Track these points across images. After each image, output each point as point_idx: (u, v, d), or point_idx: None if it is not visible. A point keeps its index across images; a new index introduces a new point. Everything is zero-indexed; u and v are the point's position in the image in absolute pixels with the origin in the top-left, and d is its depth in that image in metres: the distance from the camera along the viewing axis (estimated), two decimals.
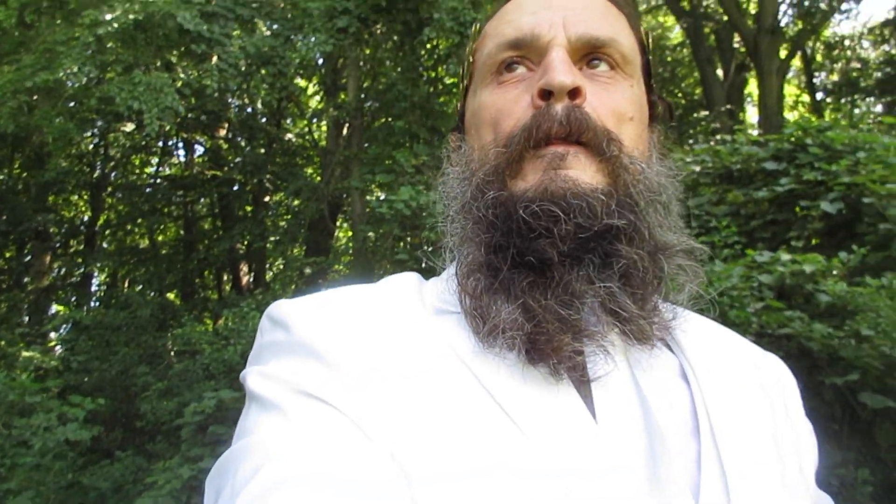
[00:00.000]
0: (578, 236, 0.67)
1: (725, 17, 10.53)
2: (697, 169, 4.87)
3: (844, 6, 7.70)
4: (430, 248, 0.82)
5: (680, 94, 9.80)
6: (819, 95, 13.75)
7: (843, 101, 13.27)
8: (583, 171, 0.69)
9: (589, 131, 0.69)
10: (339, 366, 0.65)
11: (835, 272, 3.77)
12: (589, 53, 0.74)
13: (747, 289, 3.41)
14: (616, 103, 0.73)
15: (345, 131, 9.70)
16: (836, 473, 3.03)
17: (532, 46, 0.74)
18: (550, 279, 0.68)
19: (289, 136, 10.89)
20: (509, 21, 0.77)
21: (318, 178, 9.98)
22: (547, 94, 0.70)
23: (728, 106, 9.38)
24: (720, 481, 0.64)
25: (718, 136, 5.66)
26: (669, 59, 8.77)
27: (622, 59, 0.75)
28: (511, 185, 0.71)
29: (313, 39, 7.05)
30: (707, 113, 8.95)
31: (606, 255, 0.68)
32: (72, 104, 7.86)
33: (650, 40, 0.83)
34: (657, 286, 0.71)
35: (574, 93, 0.69)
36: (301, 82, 10.13)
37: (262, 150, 10.22)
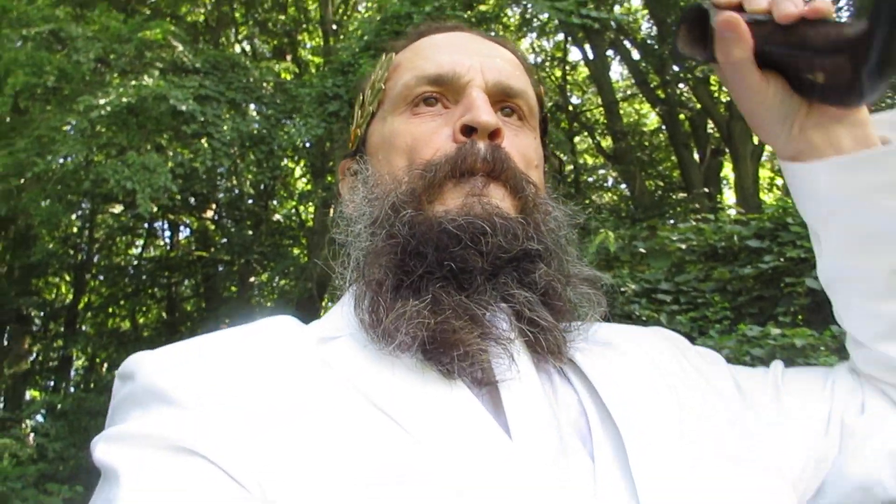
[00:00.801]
0: (499, 255, 0.69)
1: (699, 105, 10.98)
2: (683, 247, 4.96)
3: None
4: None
5: (658, 177, 10.08)
6: None
7: None
8: (502, 201, 0.72)
9: (509, 170, 0.73)
10: (186, 402, 0.61)
11: (822, 347, 3.80)
12: (501, 101, 0.78)
13: (741, 363, 3.42)
14: (525, 149, 0.78)
15: (332, 212, 9.79)
16: None
17: (451, 85, 0.77)
18: (467, 284, 0.69)
19: (276, 216, 10.97)
20: (427, 57, 0.80)
21: (306, 259, 10.00)
22: (469, 131, 0.73)
23: (705, 189, 9.66)
24: (612, 446, 0.63)
25: (700, 216, 5.81)
26: (647, 143, 9.07)
27: (529, 111, 0.81)
28: (429, 208, 0.72)
29: (304, 124, 7.22)
30: (685, 195, 9.19)
31: (526, 272, 0.71)
32: (59, 186, 7.91)
33: (544, 97, 0.88)
34: (570, 310, 0.73)
35: (494, 133, 0.73)
36: (289, 164, 10.31)
37: (250, 231, 10.27)
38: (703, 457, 0.65)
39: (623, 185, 9.19)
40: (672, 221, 6.93)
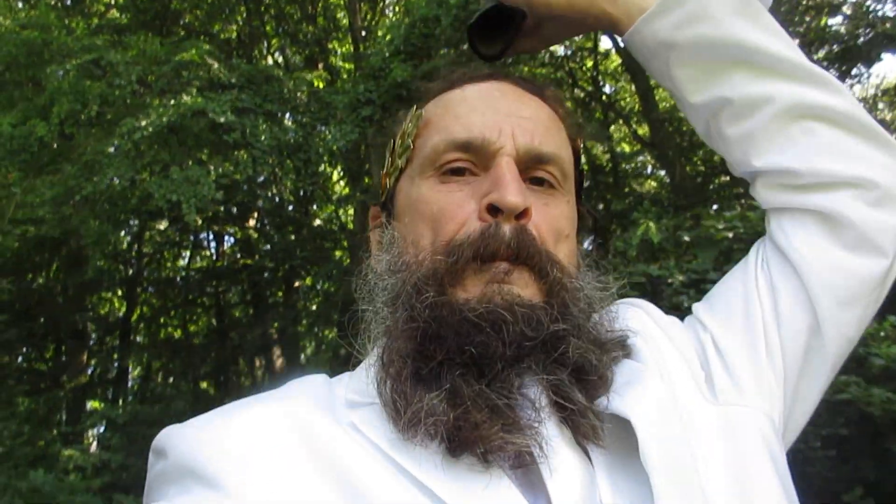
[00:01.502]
0: (523, 343, 0.67)
1: None
2: (730, 235, 4.88)
3: (855, 71, 7.77)
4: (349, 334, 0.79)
5: (699, 162, 9.90)
6: None
7: None
8: (525, 288, 0.71)
9: (535, 255, 0.71)
10: (221, 483, 0.61)
11: (882, 334, 3.72)
12: (533, 168, 0.76)
13: None
14: (555, 221, 0.75)
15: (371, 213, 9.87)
16: None
17: (480, 151, 0.74)
18: (488, 371, 0.67)
19: (317, 221, 11.10)
20: (457, 117, 0.77)
21: (348, 261, 10.11)
22: (495, 211, 0.71)
23: None
24: None
25: (745, 201, 5.69)
26: (685, 128, 8.92)
27: (562, 175, 0.79)
28: (451, 293, 0.70)
29: (338, 130, 7.27)
30: (728, 178, 9.02)
31: (554, 350, 0.68)
32: (107, 206, 8.12)
33: (582, 149, 0.86)
34: (607, 377, 0.71)
35: (522, 213, 0.71)
36: (327, 168, 10.41)
37: (292, 237, 10.42)
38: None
39: (663, 172, 9.06)
40: (716, 207, 6.80)
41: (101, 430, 9.18)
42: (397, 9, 10.84)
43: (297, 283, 11.19)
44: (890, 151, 0.81)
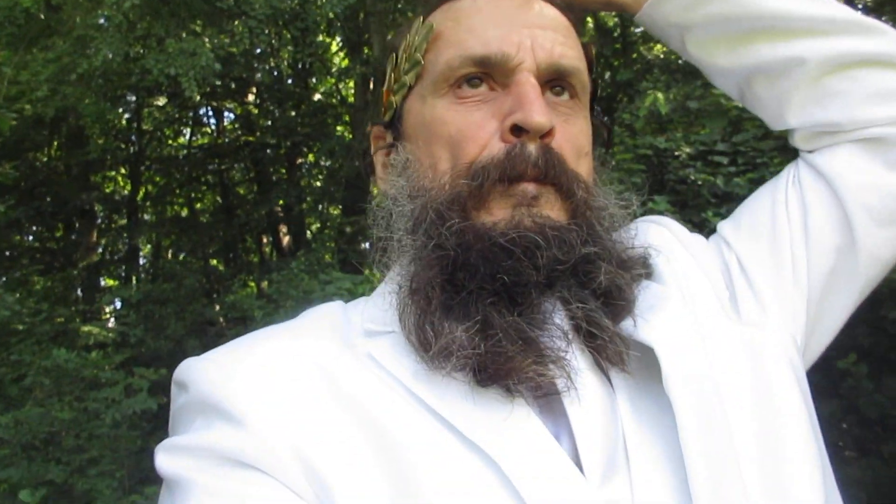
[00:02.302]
0: (556, 267, 0.66)
1: None
2: (740, 105, 4.74)
3: None
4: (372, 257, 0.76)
5: None
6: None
7: None
8: (552, 210, 0.69)
9: (561, 174, 0.69)
10: (242, 417, 0.61)
11: None
12: (553, 80, 0.73)
13: None
14: (576, 138, 0.73)
15: (371, 86, 9.63)
16: None
17: (499, 67, 0.71)
18: (521, 299, 0.66)
19: (317, 96, 10.85)
20: (471, 29, 0.73)
21: (350, 137, 9.98)
22: (519, 130, 0.68)
23: None
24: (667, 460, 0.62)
25: None
26: None
27: (582, 88, 0.75)
28: (475, 217, 0.69)
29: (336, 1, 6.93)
30: None
31: (585, 275, 0.68)
32: (101, 81, 7.92)
33: (592, 54, 0.81)
34: (635, 298, 0.70)
35: (547, 133, 0.68)
36: (324, 38, 10.05)
37: (293, 112, 10.23)
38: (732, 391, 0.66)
39: None
40: None
41: (118, 306, 9.45)
42: None
43: (299, 160, 11.12)
44: None
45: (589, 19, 9.05)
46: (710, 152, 4.47)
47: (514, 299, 0.66)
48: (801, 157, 0.84)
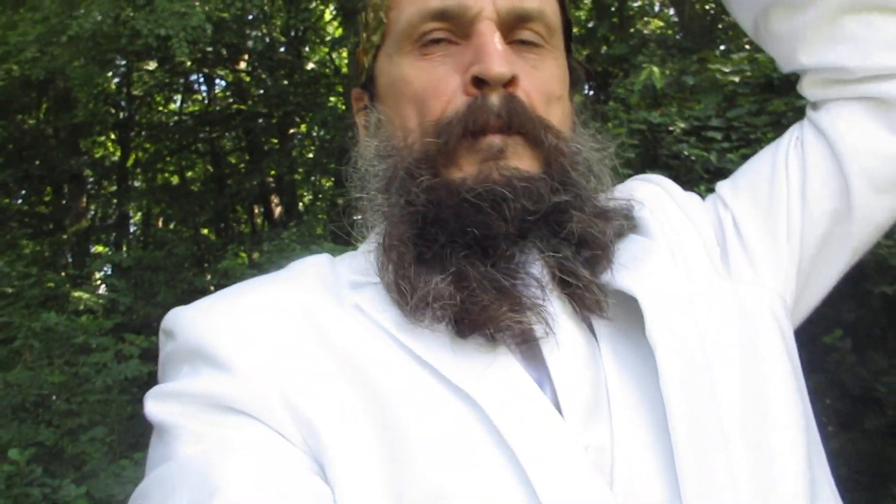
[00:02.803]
0: (526, 218, 0.66)
1: None
2: (736, 79, 4.74)
3: None
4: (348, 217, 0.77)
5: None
6: None
7: None
8: (521, 160, 0.68)
9: (526, 122, 0.68)
10: (230, 364, 0.62)
11: None
12: (516, 27, 0.71)
13: None
14: (545, 84, 0.72)
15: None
16: (883, 381, 3.09)
17: (458, 18, 0.69)
18: (492, 251, 0.66)
19: (310, 65, 10.74)
20: None
21: (343, 107, 9.90)
22: (481, 83, 0.67)
23: None
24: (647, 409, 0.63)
25: (749, 39, 5.47)
26: None
27: (548, 31, 0.73)
28: (446, 174, 0.69)
29: None
30: None
31: (558, 225, 0.68)
32: (90, 45, 7.80)
33: None
34: (610, 247, 0.71)
35: (509, 81, 0.67)
36: (319, 5, 9.92)
37: (285, 82, 10.12)
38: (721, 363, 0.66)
39: (671, 11, 8.64)
40: (723, 48, 6.56)
41: (108, 272, 9.40)
42: None
43: (291, 130, 11.03)
44: None
45: None
46: (704, 128, 4.48)
47: (486, 251, 0.66)
48: (806, 117, 0.84)
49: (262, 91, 10.53)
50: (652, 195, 0.81)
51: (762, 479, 0.61)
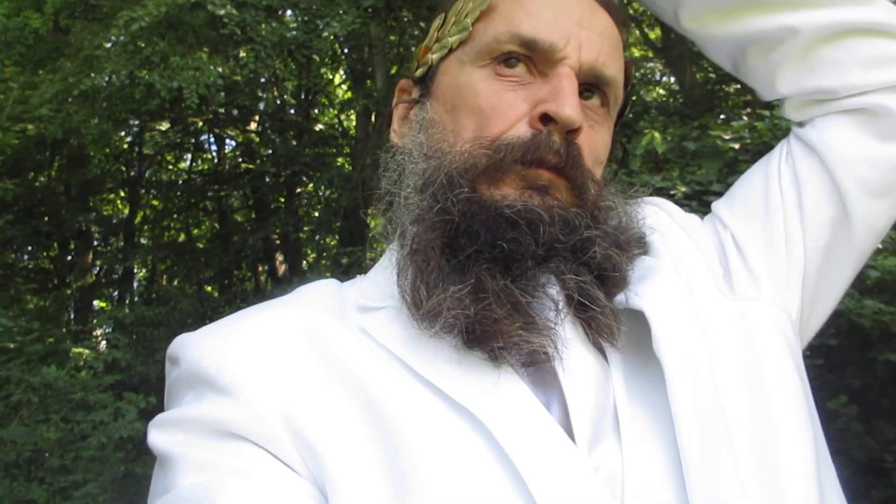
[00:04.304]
0: (555, 245, 0.67)
1: None
2: (736, 146, 4.81)
3: None
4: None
5: (709, 67, 9.63)
6: None
7: None
8: (563, 197, 0.70)
9: (578, 168, 0.70)
10: (234, 390, 0.62)
11: (880, 246, 3.73)
12: (590, 84, 0.74)
13: None
14: (597, 147, 0.75)
15: (373, 119, 9.74)
16: (891, 451, 3.03)
17: (543, 55, 0.71)
18: (516, 267, 0.67)
19: (318, 126, 10.95)
20: (527, 11, 0.73)
21: (350, 168, 10.05)
22: (548, 120, 0.69)
23: None
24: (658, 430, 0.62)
25: (748, 109, 5.58)
26: None
27: (614, 100, 0.77)
28: (483, 191, 0.69)
29: (340, 22, 7.04)
30: (739, 86, 8.82)
31: (582, 252, 0.69)
32: (105, 105, 7.99)
33: (632, 74, 0.83)
34: (629, 274, 0.72)
35: (574, 130, 0.70)
36: (328, 73, 10.18)
37: (294, 142, 10.31)
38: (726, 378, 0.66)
39: (672, 80, 8.84)
40: (723, 117, 6.68)
41: (109, 329, 9.38)
42: None
43: (298, 189, 11.17)
44: None
45: None
46: (706, 192, 4.52)
47: (509, 267, 0.67)
48: (792, 132, 0.85)
49: (270, 151, 10.72)
50: (657, 219, 0.82)
51: (772, 494, 0.60)
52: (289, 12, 8.17)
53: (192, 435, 0.61)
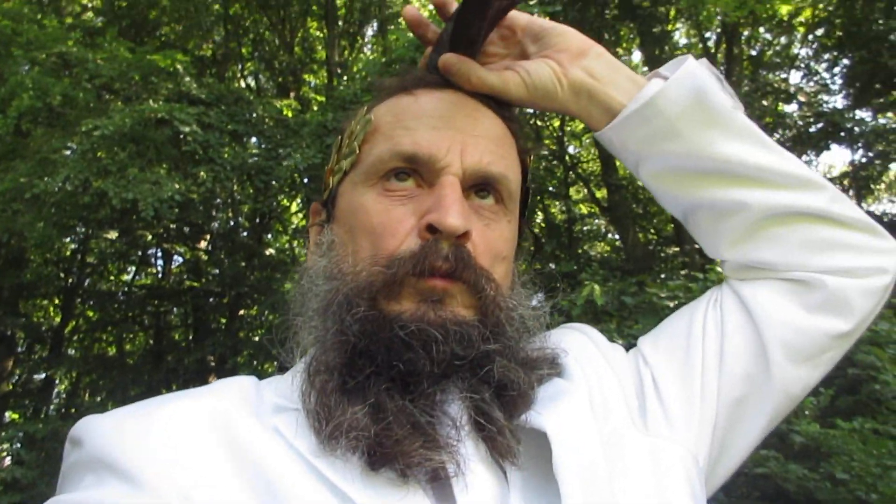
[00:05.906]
0: (453, 361, 0.68)
1: None
2: (671, 304, 4.97)
3: (805, 158, 8.15)
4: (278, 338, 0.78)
5: (652, 231, 10.14)
6: None
7: None
8: (459, 307, 0.71)
9: (470, 272, 0.71)
10: (135, 477, 0.60)
11: (806, 412, 3.80)
12: (478, 185, 0.76)
13: None
14: (494, 243, 0.75)
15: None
16: None
17: (426, 166, 0.73)
18: (414, 387, 0.67)
19: (270, 251, 10.97)
20: (406, 128, 0.76)
21: None
22: (434, 230, 0.71)
23: (697, 245, 9.66)
24: None
25: (685, 271, 5.83)
26: (641, 196, 9.15)
27: (508, 195, 0.78)
28: (384, 306, 0.70)
29: (302, 155, 7.25)
30: (678, 249, 9.25)
31: (480, 368, 0.69)
32: (53, 210, 7.93)
33: (529, 162, 0.86)
34: (529, 393, 0.71)
35: (462, 235, 0.71)
36: (285, 200, 10.36)
37: (243, 264, 10.26)
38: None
39: (616, 237, 9.24)
40: (662, 276, 6.95)
41: (18, 445, 8.76)
42: (376, 48, 11.01)
43: (242, 311, 10.99)
44: (874, 236, 0.83)
45: (539, 213, 9.60)
46: None
47: (408, 387, 0.67)
48: (726, 282, 0.87)
49: (218, 271, 10.62)
50: (578, 343, 0.83)
51: None
52: (253, 139, 8.42)
53: None
